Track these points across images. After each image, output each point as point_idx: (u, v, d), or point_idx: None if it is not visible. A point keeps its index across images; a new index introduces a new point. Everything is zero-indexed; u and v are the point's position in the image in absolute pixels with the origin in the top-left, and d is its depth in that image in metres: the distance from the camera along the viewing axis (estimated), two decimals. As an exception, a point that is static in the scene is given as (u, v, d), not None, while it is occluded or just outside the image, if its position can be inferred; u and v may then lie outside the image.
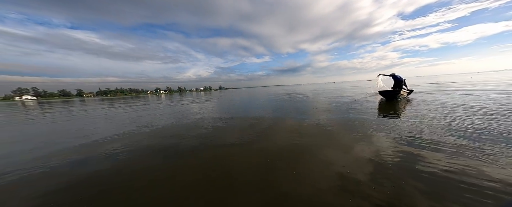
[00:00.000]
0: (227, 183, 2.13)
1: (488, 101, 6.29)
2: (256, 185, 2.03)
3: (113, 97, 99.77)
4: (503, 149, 2.48)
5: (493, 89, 10.02)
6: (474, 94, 8.31)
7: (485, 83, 14.91)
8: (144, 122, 6.79)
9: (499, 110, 4.89)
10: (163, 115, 8.52)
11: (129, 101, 27.07)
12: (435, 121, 4.19)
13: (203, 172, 2.44)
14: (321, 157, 2.67)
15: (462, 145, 2.75)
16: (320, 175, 2.20)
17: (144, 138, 4.45)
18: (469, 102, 6.44)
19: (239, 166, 2.53)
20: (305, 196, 1.83)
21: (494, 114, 4.43)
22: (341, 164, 2.40)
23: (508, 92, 8.39)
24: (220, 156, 2.95)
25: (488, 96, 7.55)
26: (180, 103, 15.98)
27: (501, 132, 3.17)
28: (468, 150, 2.57)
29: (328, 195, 1.80)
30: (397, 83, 8.62)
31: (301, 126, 4.78)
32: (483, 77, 29.39)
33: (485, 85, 12.71)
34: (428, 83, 19.54)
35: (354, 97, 11.15)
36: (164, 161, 2.93)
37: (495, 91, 8.96)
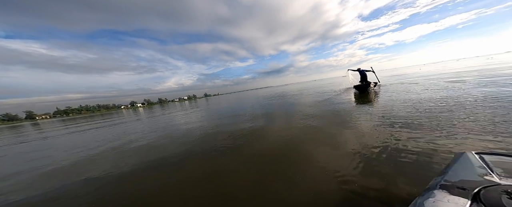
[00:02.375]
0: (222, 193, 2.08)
1: (440, 86, 7.78)
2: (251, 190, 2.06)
3: (77, 116, 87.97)
4: (446, 122, 3.23)
5: (436, 77, 12.39)
6: (425, 81, 10.22)
7: (430, 72, 18.29)
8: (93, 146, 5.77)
9: (443, 93, 6.18)
10: (135, 130, 8.06)
11: (93, 119, 24.90)
12: (399, 106, 5.33)
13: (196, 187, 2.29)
14: (316, 148, 3.10)
15: (420, 121, 3.49)
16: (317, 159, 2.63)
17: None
18: (421, 89, 7.98)
19: (233, 175, 2.47)
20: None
21: (441, 98, 5.59)
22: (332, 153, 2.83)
23: (447, 79, 10.47)
24: (211, 169, 2.77)
25: (436, 83, 9.34)
26: (157, 116, 15.38)
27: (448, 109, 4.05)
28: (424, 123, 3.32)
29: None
30: (363, 76, 9.98)
31: (292, 119, 5.51)
32: (428, 68, 35.36)
33: (430, 74, 15.58)
34: (388, 76, 22.68)
35: (332, 92, 12.54)
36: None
37: (438, 79, 11.06)
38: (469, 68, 14.89)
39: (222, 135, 4.74)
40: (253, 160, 2.87)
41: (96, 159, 4.29)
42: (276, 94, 22.80)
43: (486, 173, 1.01)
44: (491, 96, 4.52)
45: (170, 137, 5.63)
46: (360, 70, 10.31)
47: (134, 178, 2.87)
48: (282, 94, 19.61)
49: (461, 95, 5.19)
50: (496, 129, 2.61)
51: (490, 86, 5.89)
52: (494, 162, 1.10)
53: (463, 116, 3.39)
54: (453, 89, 6.39)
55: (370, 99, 7.07)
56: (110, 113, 57.98)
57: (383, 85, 11.50)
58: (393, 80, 14.78)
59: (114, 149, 4.96)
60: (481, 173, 1.02)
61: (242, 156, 3.11)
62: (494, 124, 2.79)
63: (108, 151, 4.81)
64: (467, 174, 1.04)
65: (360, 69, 10.40)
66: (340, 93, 10.81)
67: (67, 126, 17.01)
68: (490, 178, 0.97)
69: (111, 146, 5.47)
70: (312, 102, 9.11)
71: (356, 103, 6.73)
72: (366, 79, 10.00)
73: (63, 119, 43.43)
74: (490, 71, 10.09)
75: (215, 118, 8.42)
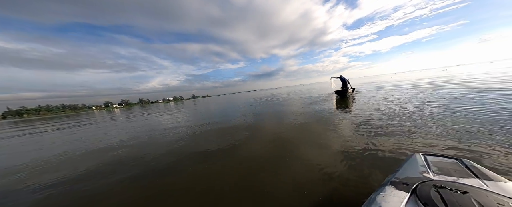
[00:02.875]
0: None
1: (405, 94, 8.97)
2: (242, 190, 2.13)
3: (34, 117, 76.68)
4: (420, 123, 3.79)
5: (405, 84, 14.23)
6: (396, 89, 11.75)
7: (400, 80, 20.85)
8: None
9: (412, 99, 7.19)
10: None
11: (53, 121, 22.57)
12: (372, 109, 6.21)
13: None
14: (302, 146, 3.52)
15: (388, 122, 4.14)
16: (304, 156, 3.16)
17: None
18: (394, 94, 9.18)
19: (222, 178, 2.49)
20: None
21: (409, 101, 6.53)
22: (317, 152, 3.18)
23: (414, 86, 12.06)
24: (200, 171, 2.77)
25: (404, 91, 10.73)
26: (128, 120, 13.97)
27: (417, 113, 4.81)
28: (392, 125, 3.90)
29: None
30: (343, 82, 10.98)
31: (280, 122, 6.00)
32: (398, 76, 39.99)
33: (400, 82, 17.74)
34: (366, 83, 25.05)
35: (318, 96, 13.69)
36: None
37: (407, 87, 12.69)
38: (430, 79, 17.31)
39: (206, 140, 4.59)
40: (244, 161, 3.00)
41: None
42: (267, 96, 23.42)
43: (425, 171, 1.18)
44: (446, 104, 5.20)
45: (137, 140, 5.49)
46: (342, 77, 11.33)
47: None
48: (273, 97, 20.28)
49: (423, 102, 6.14)
50: (443, 134, 3.07)
51: (446, 95, 6.72)
52: (433, 161, 1.30)
53: (423, 121, 3.91)
54: (417, 96, 7.49)
55: (348, 104, 7.93)
56: (78, 114, 52.08)
57: (362, 90, 13.01)
58: (371, 86, 16.51)
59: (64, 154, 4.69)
60: (421, 171, 1.18)
61: (234, 159, 3.15)
62: (446, 130, 3.22)
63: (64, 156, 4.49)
64: (411, 172, 1.20)
65: (341, 76, 11.41)
66: (325, 97, 11.88)
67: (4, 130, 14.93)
68: (427, 175, 1.14)
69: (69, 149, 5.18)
70: (300, 104, 9.90)
71: (336, 107, 7.58)
72: (346, 85, 11.02)
73: (15, 121, 37.54)
74: (446, 82, 11.91)
75: (201, 122, 8.32)
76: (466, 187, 0.95)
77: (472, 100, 5.41)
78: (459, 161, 1.27)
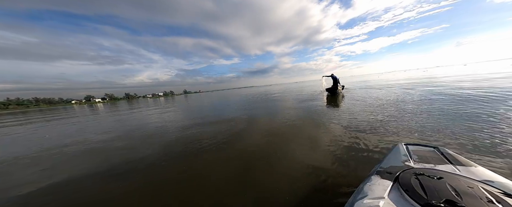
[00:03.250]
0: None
1: (391, 93, 9.64)
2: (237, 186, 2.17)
3: (3, 111, 70.05)
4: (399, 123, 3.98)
5: (392, 83, 15.24)
6: (380, 88, 12.55)
7: (387, 80, 22.15)
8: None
9: (398, 98, 7.63)
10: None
11: (25, 116, 20.94)
12: (359, 106, 6.71)
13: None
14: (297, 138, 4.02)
15: (376, 119, 4.53)
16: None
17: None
18: (380, 92, 9.86)
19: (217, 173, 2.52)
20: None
21: (396, 101, 7.18)
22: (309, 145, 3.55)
23: (400, 86, 12.92)
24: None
25: (391, 89, 11.50)
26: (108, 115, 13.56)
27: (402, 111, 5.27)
28: (377, 121, 4.28)
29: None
30: (334, 80, 11.56)
31: (273, 119, 6.28)
32: (384, 76, 42.23)
33: (388, 81, 18.90)
34: (356, 81, 26.31)
35: (310, 93, 14.28)
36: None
37: (394, 86, 13.55)
38: (413, 79, 18.64)
39: (199, 135, 4.60)
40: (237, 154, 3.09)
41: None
42: (261, 93, 23.71)
43: (406, 160, 1.24)
44: (428, 103, 5.60)
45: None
46: (333, 76, 11.82)
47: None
48: (267, 94, 20.61)
49: (406, 99, 6.74)
50: (425, 127, 3.39)
51: (427, 94, 7.34)
52: (414, 150, 1.38)
53: (407, 116, 4.32)
54: (402, 95, 8.16)
55: (338, 101, 8.43)
56: (55, 108, 48.12)
57: (352, 88, 13.79)
58: (360, 85, 17.42)
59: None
60: (404, 160, 1.24)
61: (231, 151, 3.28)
62: (425, 125, 3.55)
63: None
64: (395, 161, 1.26)
65: (333, 75, 11.90)
66: (317, 95, 12.44)
67: None
68: (409, 163, 1.20)
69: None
70: (294, 100, 10.33)
71: (327, 104, 8.05)
72: (337, 83, 11.52)
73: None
74: (428, 82, 12.96)
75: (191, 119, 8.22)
76: (441, 173, 1.02)
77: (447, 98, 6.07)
78: (436, 149, 1.36)
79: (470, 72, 19.45)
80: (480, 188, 0.90)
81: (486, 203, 0.81)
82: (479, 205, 0.80)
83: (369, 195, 0.96)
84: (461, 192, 0.87)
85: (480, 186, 0.91)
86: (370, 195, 0.96)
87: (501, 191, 0.89)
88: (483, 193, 0.87)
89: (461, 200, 0.83)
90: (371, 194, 0.97)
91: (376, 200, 0.91)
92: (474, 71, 21.69)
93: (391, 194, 0.95)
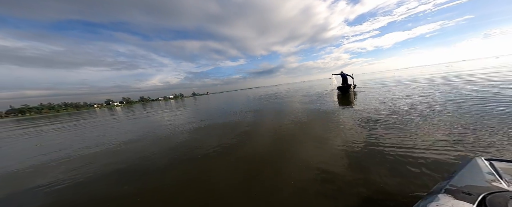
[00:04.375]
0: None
1: (408, 91, 8.76)
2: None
3: (37, 115, 77.93)
4: (420, 123, 3.49)
5: (408, 80, 13.99)
6: (398, 85, 11.55)
7: (402, 77, 20.50)
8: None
9: (415, 97, 6.98)
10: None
11: (56, 119, 22.82)
12: (374, 105, 6.14)
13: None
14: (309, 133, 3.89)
15: (392, 120, 4.01)
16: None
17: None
18: (396, 91, 9.04)
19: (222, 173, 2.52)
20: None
21: (413, 101, 6.30)
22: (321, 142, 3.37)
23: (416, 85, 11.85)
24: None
25: (406, 88, 10.54)
26: (134, 116, 14.53)
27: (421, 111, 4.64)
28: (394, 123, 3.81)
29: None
30: (344, 79, 10.85)
31: (283, 118, 5.97)
32: (400, 73, 39.45)
33: (402, 79, 17.47)
34: (368, 79, 24.76)
35: (320, 92, 13.65)
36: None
37: (410, 83, 12.38)
38: (435, 75, 16.97)
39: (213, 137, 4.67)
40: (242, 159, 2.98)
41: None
42: (268, 94, 23.27)
43: (494, 179, 0.99)
44: (451, 103, 4.87)
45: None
46: (342, 73, 11.10)
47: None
48: (275, 94, 20.19)
49: (425, 99, 5.98)
50: (456, 133, 2.83)
51: (454, 92, 6.37)
52: (504, 169, 1.09)
53: (425, 118, 3.74)
54: (417, 94, 7.34)
55: (350, 100, 7.76)
56: (80, 112, 52.58)
57: (363, 87, 12.79)
58: (373, 83, 16.26)
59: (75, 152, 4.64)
60: (489, 179, 1.00)
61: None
62: (451, 129, 2.99)
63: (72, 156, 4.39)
64: (474, 180, 1.02)
65: (342, 72, 11.19)
66: (327, 94, 11.81)
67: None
68: (498, 184, 0.95)
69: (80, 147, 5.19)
70: (302, 100, 9.81)
71: (339, 104, 7.46)
72: (346, 81, 10.83)
73: (17, 120, 38.10)
74: (456, 78, 11.60)
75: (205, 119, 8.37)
76: None
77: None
78: None
79: (504, 66, 17.25)
80: None
81: None
82: None
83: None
84: None
85: None
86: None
87: None
88: None
89: None
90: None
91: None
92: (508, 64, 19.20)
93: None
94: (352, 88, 11.11)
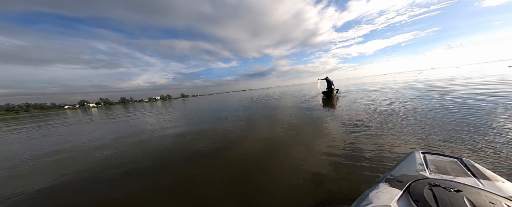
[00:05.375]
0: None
1: (385, 96, 9.75)
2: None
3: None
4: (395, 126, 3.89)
5: (386, 86, 15.47)
6: (377, 90, 12.71)
7: (382, 83, 22.35)
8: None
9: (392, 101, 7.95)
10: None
11: (15, 122, 20.29)
12: (355, 109, 6.80)
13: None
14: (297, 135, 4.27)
15: (367, 121, 4.54)
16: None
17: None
18: (374, 95, 10.02)
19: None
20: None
21: (388, 102, 7.34)
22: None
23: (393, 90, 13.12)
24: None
25: (383, 93, 11.62)
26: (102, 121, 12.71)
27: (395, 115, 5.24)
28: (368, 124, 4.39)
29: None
30: (329, 83, 11.64)
31: (273, 116, 6.31)
32: (380, 78, 42.87)
33: (382, 84, 19.12)
34: (351, 84, 26.51)
35: (307, 95, 14.48)
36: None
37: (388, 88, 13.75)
38: (410, 81, 18.82)
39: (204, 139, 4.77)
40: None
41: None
42: (260, 96, 23.64)
43: (422, 169, 1.16)
44: (422, 105, 5.53)
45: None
46: (327, 78, 11.87)
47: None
48: (266, 97, 20.60)
49: (399, 102, 6.78)
50: (422, 131, 3.32)
51: (426, 97, 7.16)
52: (432, 160, 1.27)
53: (400, 120, 4.29)
54: (394, 98, 8.23)
55: (333, 104, 8.48)
56: (47, 114, 46.41)
57: (347, 91, 13.90)
58: (355, 88, 17.55)
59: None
60: (419, 169, 1.16)
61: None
62: (426, 128, 3.44)
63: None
64: (408, 170, 1.18)
65: (327, 77, 11.95)
66: (313, 98, 12.54)
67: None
68: (423, 173, 1.12)
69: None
70: (292, 103, 10.35)
71: (323, 106, 8.12)
72: (331, 86, 11.58)
73: None
74: (424, 83, 13.13)
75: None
76: (460, 186, 0.95)
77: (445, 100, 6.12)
78: (458, 160, 1.26)
79: (464, 74, 19.84)
80: (503, 205, 0.82)
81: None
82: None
83: (373, 203, 0.91)
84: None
85: (504, 202, 0.83)
86: (375, 203, 0.91)
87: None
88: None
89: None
90: (376, 201, 0.92)
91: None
92: (468, 73, 22.12)
93: (399, 203, 0.90)
94: (335, 92, 11.89)
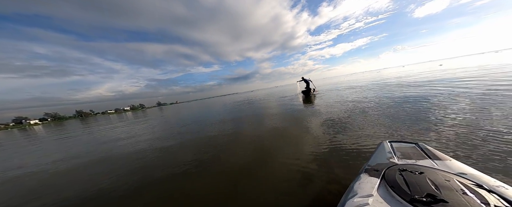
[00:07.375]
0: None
1: (352, 93, 11.20)
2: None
3: None
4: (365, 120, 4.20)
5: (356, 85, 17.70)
6: (349, 89, 14.52)
7: (349, 81, 25.50)
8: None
9: (356, 98, 8.92)
10: None
11: None
12: (330, 105, 7.77)
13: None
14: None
15: (341, 118, 5.11)
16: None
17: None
18: (345, 93, 11.44)
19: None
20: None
21: (357, 99, 8.44)
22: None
23: (352, 87, 15.09)
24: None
25: (353, 90, 13.33)
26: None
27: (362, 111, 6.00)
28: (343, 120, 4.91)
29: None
30: (307, 83, 13.07)
31: (259, 117, 6.72)
32: (349, 77, 48.05)
33: (352, 83, 21.76)
34: (326, 83, 29.12)
35: (288, 95, 15.62)
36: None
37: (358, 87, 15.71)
38: (371, 79, 21.84)
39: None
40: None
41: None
42: (244, 100, 23.72)
43: (391, 157, 1.27)
44: (387, 100, 6.23)
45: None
46: (304, 78, 13.17)
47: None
48: (250, 100, 20.85)
49: (367, 98, 7.97)
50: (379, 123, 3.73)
51: (385, 94, 8.06)
52: (397, 147, 1.41)
53: (367, 112, 4.97)
54: (361, 94, 9.60)
55: (312, 101, 9.50)
56: None
57: (323, 91, 15.40)
58: (329, 87, 19.47)
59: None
60: (389, 157, 1.28)
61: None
62: (383, 120, 3.84)
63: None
64: (381, 159, 1.29)
65: (303, 77, 13.28)
66: (293, 97, 13.63)
67: None
68: (393, 160, 1.23)
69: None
70: (275, 104, 11.02)
71: (303, 103, 9.02)
72: (308, 85, 12.87)
73: None
74: (383, 81, 15.41)
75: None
76: (422, 168, 1.07)
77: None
78: (416, 145, 1.41)
79: (407, 73, 24.25)
80: (455, 181, 0.93)
81: (462, 195, 0.85)
82: (455, 197, 0.84)
83: (359, 194, 0.97)
84: (440, 186, 0.91)
85: (455, 179, 0.95)
86: (360, 193, 0.97)
87: (474, 183, 0.94)
88: (458, 185, 0.92)
89: (440, 193, 0.87)
90: (360, 192, 0.99)
91: (365, 198, 0.93)
92: (410, 71, 27.12)
93: (379, 191, 0.98)
94: (313, 91, 13.19)
